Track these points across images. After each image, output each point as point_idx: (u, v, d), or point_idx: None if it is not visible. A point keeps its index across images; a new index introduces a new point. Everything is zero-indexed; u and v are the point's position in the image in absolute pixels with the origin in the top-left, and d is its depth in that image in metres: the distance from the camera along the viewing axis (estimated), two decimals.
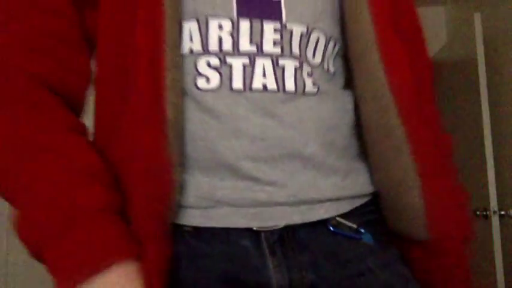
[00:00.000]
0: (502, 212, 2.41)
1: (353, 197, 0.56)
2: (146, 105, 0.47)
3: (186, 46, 0.51)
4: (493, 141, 2.47)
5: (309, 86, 0.53)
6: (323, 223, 0.54)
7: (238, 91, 0.51)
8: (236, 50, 0.51)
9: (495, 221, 2.35)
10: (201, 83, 0.51)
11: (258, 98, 0.51)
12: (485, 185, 2.42)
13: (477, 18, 2.52)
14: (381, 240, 0.57)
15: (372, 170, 0.58)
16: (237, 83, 0.51)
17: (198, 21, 0.51)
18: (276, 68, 0.51)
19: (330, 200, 0.54)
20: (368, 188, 0.58)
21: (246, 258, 0.51)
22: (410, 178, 0.54)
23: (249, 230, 0.51)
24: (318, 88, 0.54)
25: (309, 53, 0.54)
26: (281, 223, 0.52)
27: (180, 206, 0.51)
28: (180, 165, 0.49)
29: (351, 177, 0.56)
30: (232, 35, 0.51)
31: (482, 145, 2.45)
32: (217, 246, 0.51)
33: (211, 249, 0.50)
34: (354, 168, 0.57)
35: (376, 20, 0.54)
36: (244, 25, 0.51)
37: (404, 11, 0.65)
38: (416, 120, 0.55)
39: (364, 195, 0.58)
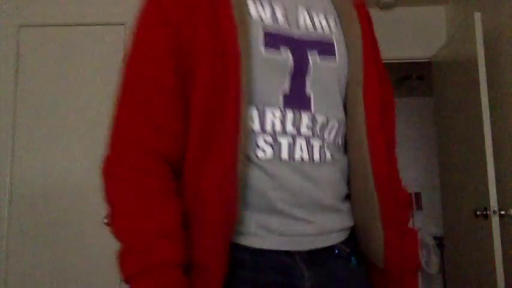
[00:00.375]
0: (502, 212, 2.41)
1: (347, 229, 0.83)
2: (227, 162, 0.71)
3: (248, 125, 0.74)
4: (493, 141, 2.47)
5: (328, 158, 0.80)
6: (331, 248, 0.80)
7: (284, 161, 0.76)
8: (284, 131, 0.76)
9: (495, 220, 2.35)
10: (260, 153, 0.75)
11: (297, 165, 0.76)
12: (485, 185, 2.42)
13: (477, 17, 2.52)
14: (359, 263, 0.84)
15: (352, 215, 0.85)
16: (284, 155, 0.76)
17: (257, 109, 0.75)
18: (308, 146, 0.78)
19: (336, 231, 0.81)
20: (351, 223, 0.84)
21: (290, 270, 0.75)
22: (378, 231, 0.81)
23: (287, 252, 0.76)
24: (332, 157, 0.81)
25: (326, 135, 0.80)
26: (309, 247, 0.77)
27: (243, 233, 0.74)
28: (242, 204, 0.73)
29: (346, 214, 0.83)
30: (281, 121, 0.76)
31: (482, 145, 2.45)
32: (270, 261, 0.75)
33: (265, 262, 0.75)
34: (347, 209, 0.84)
35: (368, 121, 0.81)
36: (289, 114, 0.77)
37: (387, 96, 0.90)
38: (387, 189, 0.82)
39: (350, 228, 0.84)
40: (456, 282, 2.96)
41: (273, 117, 0.76)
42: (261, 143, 0.76)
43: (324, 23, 0.84)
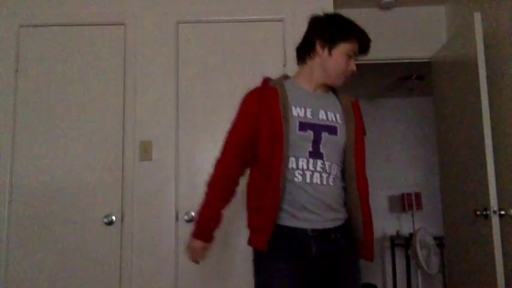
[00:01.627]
0: (502, 212, 2.41)
1: (338, 219, 1.62)
2: (276, 182, 1.54)
3: (290, 166, 1.57)
4: (493, 141, 2.47)
5: (330, 182, 1.60)
6: (329, 231, 1.58)
7: (308, 183, 1.57)
8: (307, 168, 1.57)
9: (495, 220, 2.35)
10: (296, 179, 1.57)
11: (314, 186, 1.57)
12: (485, 185, 2.42)
13: (477, 17, 2.52)
14: (348, 244, 1.62)
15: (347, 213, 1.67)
16: (308, 180, 1.57)
17: (295, 157, 1.57)
18: (320, 176, 1.58)
19: (331, 220, 1.60)
20: (345, 217, 1.64)
21: (304, 240, 1.55)
22: (360, 225, 1.64)
23: (304, 229, 1.56)
24: (333, 182, 1.61)
25: (331, 171, 1.61)
26: (315, 227, 1.56)
27: (279, 218, 1.57)
28: (283, 203, 1.57)
29: (339, 212, 1.62)
30: (307, 163, 1.58)
31: (482, 145, 2.45)
32: (293, 234, 1.55)
33: (291, 235, 1.55)
34: (341, 210, 1.63)
35: (357, 167, 1.65)
36: (311, 161, 1.58)
37: (363, 152, 1.70)
38: (365, 204, 1.65)
39: (343, 219, 1.63)
40: (456, 282, 2.96)
41: (302, 162, 1.58)
42: (296, 174, 1.57)
43: (332, 116, 1.65)
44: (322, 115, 1.62)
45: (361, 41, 1.63)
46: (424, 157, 5.88)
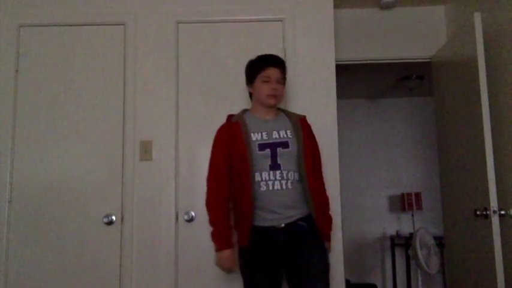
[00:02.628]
0: (502, 212, 2.41)
1: (300, 214, 2.08)
2: (248, 192, 2.04)
3: (256, 179, 2.06)
4: (493, 141, 2.47)
5: (289, 186, 2.06)
6: (293, 224, 2.05)
7: (271, 190, 2.05)
8: (269, 178, 2.05)
9: (495, 220, 2.35)
10: (261, 189, 2.05)
11: (277, 192, 2.05)
12: (485, 185, 2.42)
13: (477, 17, 2.52)
14: (312, 228, 2.07)
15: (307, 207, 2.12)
16: (271, 188, 2.05)
17: (259, 172, 2.06)
18: (281, 183, 2.05)
19: (294, 215, 2.06)
20: (306, 212, 2.09)
21: (274, 235, 2.04)
22: (314, 214, 2.09)
23: (273, 226, 2.04)
24: (292, 186, 2.07)
25: (289, 177, 2.07)
26: (282, 224, 2.05)
27: (254, 220, 2.06)
28: (256, 208, 2.06)
29: (303, 208, 2.09)
30: (269, 175, 2.06)
31: (482, 145, 2.45)
32: (264, 232, 2.05)
33: (264, 232, 2.04)
34: (303, 206, 2.09)
35: (307, 170, 2.10)
36: (271, 172, 2.06)
37: (316, 153, 2.24)
38: (317, 198, 2.12)
39: (306, 213, 2.09)
40: (456, 282, 2.96)
41: (265, 174, 2.04)
42: (261, 185, 2.04)
43: (284, 134, 2.11)
44: (275, 134, 2.11)
45: (265, 61, 2.16)
46: (424, 157, 5.88)
